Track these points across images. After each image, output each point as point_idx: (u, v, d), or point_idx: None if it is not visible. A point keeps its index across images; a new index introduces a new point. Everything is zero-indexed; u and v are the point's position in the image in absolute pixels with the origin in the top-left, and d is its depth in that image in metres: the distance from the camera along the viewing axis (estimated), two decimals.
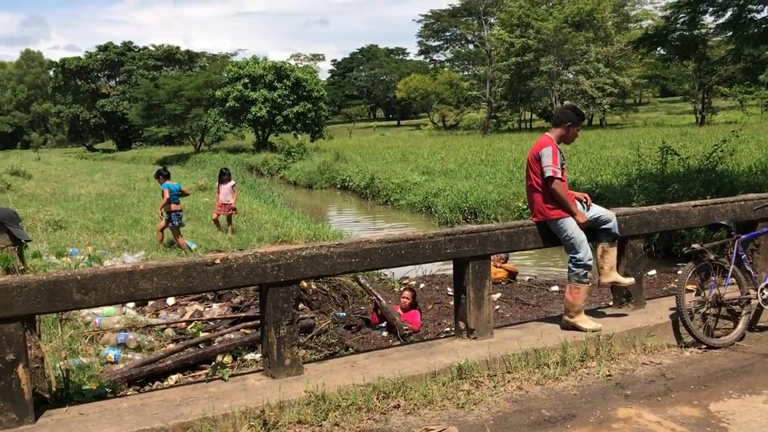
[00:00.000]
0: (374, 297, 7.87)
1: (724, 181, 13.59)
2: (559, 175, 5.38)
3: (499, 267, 10.46)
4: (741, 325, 5.64)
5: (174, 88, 51.12)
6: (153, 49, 75.70)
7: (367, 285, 8.55)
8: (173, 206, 12.00)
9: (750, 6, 13.23)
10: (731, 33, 14.22)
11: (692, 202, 6.47)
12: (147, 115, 55.62)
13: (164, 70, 70.06)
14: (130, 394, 4.82)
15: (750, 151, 19.92)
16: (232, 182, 14.31)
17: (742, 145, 19.82)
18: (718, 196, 7.80)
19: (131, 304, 7.29)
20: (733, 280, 5.65)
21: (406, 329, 7.11)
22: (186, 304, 7.50)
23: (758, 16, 13.06)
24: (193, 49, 79.56)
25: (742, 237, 5.86)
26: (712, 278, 5.60)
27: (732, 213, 6.39)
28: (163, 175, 12.91)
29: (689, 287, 5.77)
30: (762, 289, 5.74)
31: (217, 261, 4.42)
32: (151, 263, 4.33)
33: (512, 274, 10.74)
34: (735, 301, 5.66)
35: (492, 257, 10.37)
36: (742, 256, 5.78)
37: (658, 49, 16.53)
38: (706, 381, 4.79)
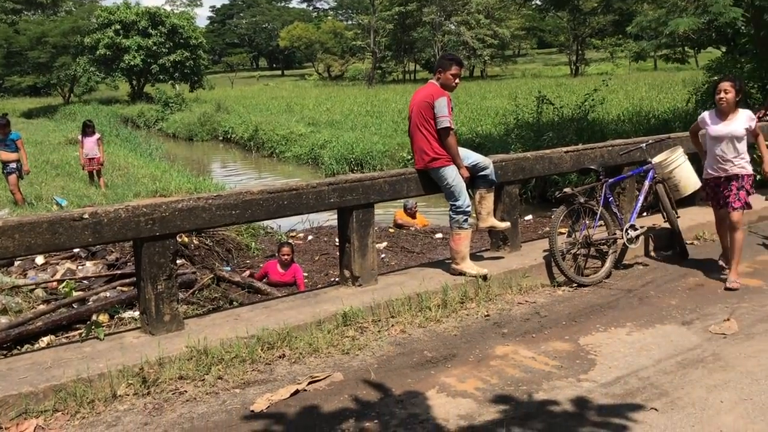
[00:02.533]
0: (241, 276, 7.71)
1: (594, 129, 14.32)
2: (453, 126, 5.47)
3: (410, 221, 10.74)
4: (608, 264, 6.00)
5: (37, 34, 47.29)
6: None
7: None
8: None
9: None
10: None
11: (564, 149, 6.74)
12: (7, 63, 51.28)
13: (25, 15, 64.69)
14: None
15: (619, 101, 21.06)
16: (98, 135, 13.78)
17: (611, 95, 20.90)
18: (589, 142, 8.18)
19: None
20: (602, 221, 5.98)
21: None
22: (57, 263, 7.09)
23: None
24: None
25: (610, 180, 6.19)
26: (583, 220, 5.90)
27: (600, 158, 6.72)
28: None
29: (561, 230, 6.07)
30: (627, 230, 6.12)
31: (86, 216, 4.18)
32: (11, 219, 4.03)
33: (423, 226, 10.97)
34: (603, 241, 6.01)
35: (409, 207, 10.63)
36: (610, 199, 6.11)
37: (534, 0, 16.95)
38: (576, 317, 5.08)
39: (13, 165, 11.15)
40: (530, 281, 5.76)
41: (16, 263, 7.09)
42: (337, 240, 9.75)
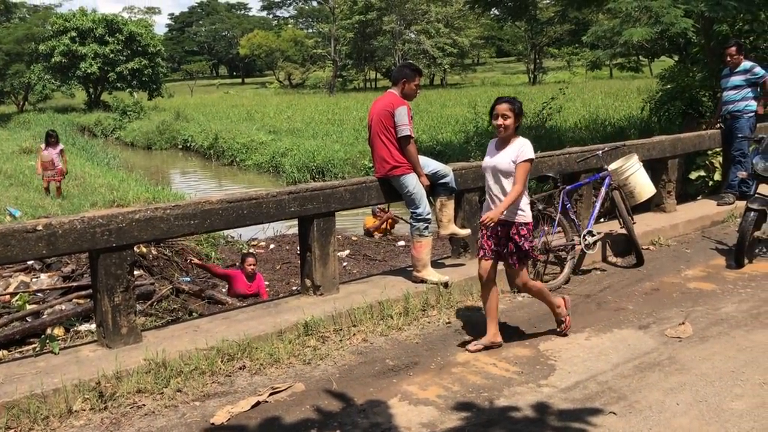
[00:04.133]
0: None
1: (552, 137, 14.54)
2: (414, 135, 5.50)
3: (382, 218, 10.79)
4: (567, 270, 6.08)
5: None
6: None
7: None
8: None
9: None
10: None
11: None
12: None
13: None
14: None
15: (576, 109, 21.41)
16: (61, 146, 13.50)
17: (569, 103, 21.23)
18: (546, 150, 8.30)
19: None
20: (560, 228, 6.06)
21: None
22: (10, 276, 6.91)
23: None
24: None
25: (567, 188, 6.28)
26: (541, 227, 5.97)
27: (558, 165, 6.82)
28: None
29: None
30: (584, 236, 6.21)
31: (39, 227, 4.09)
32: None
33: (394, 221, 11.00)
34: (561, 247, 6.09)
35: (376, 209, 10.65)
36: (567, 206, 6.20)
37: (493, 9, 17.16)
38: (536, 323, 5.13)
39: None
40: None
41: None
42: (298, 248, 9.75)
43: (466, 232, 5.97)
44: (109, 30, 43.83)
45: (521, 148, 4.57)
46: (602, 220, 7.64)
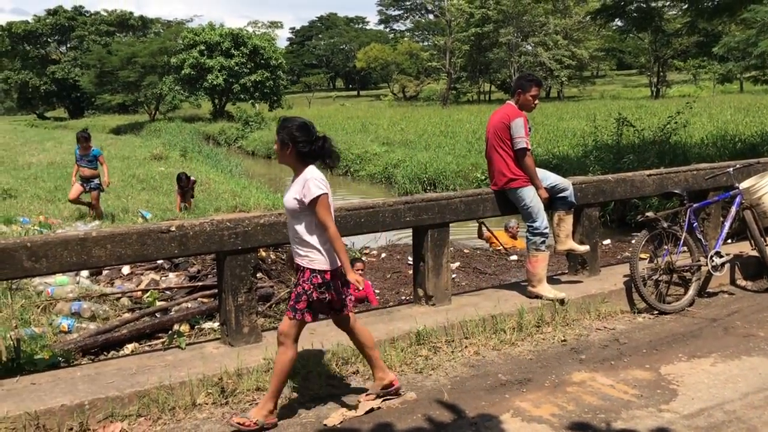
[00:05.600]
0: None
1: (677, 152, 13.87)
2: (530, 147, 5.44)
3: (509, 238, 10.67)
4: (691, 291, 5.79)
5: (127, 55, 49.80)
6: (105, 14, 73.47)
7: None
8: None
9: None
10: (686, 6, 14.41)
11: (647, 172, 6.59)
12: (100, 82, 54.16)
13: (117, 36, 68.13)
14: (84, 364, 4.73)
15: (702, 124, 20.36)
16: (193, 178, 13.03)
17: (694, 117, 20.22)
18: (671, 166, 7.96)
19: (85, 273, 7.14)
20: (685, 247, 5.79)
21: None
22: (142, 274, 7.38)
23: None
24: (147, 15, 77.45)
25: (694, 206, 5.99)
26: (665, 246, 5.72)
27: (685, 182, 6.52)
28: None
29: (643, 255, 5.90)
30: (711, 256, 5.90)
31: (173, 228, 4.35)
32: (104, 230, 4.23)
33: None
34: (686, 268, 5.81)
35: (510, 227, 10.55)
36: (694, 225, 5.92)
37: (616, 20, 16.67)
38: (657, 345, 4.92)
39: (96, 181, 11.20)
40: (609, 307, 5.62)
41: (104, 272, 7.42)
42: (409, 258, 9.80)
43: (585, 248, 5.81)
44: (234, 43, 46.03)
45: (305, 185, 3.73)
46: (730, 240, 7.21)
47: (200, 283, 6.83)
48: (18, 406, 3.71)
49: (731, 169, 6.48)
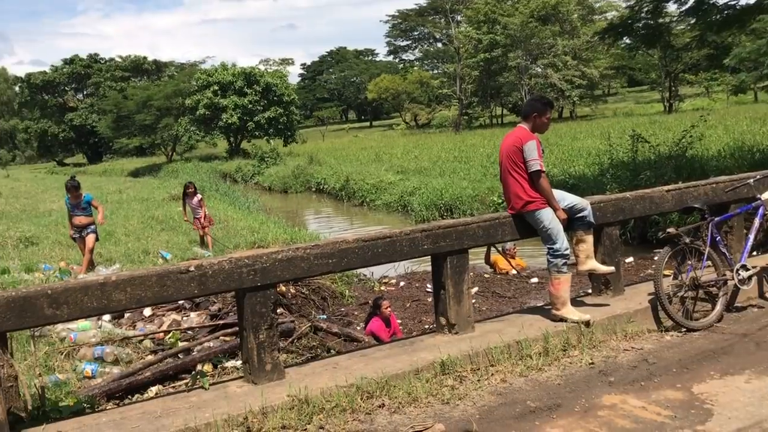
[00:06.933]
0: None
1: (694, 166, 13.77)
2: (544, 169, 5.41)
3: (509, 260, 10.54)
4: (719, 307, 5.67)
5: (143, 99, 50.66)
6: (120, 60, 74.95)
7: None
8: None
9: None
10: (694, 20, 14.40)
11: (665, 187, 6.51)
12: (117, 126, 55.07)
13: (132, 81, 69.38)
14: (109, 409, 4.72)
15: (718, 136, 20.19)
16: (199, 195, 13.77)
17: (710, 130, 20.08)
18: (689, 180, 7.88)
19: (107, 317, 7.17)
20: (709, 262, 5.69)
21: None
22: (163, 315, 7.39)
23: (720, 2, 13.23)
24: (161, 59, 78.97)
25: (716, 219, 5.90)
26: (689, 261, 5.63)
27: (705, 196, 6.43)
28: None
29: (666, 272, 5.81)
30: (738, 270, 5.79)
31: (192, 268, 4.35)
32: (123, 273, 4.24)
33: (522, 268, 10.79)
34: (712, 283, 5.70)
35: (507, 249, 10.45)
36: (717, 238, 5.82)
37: (624, 38, 16.68)
38: (687, 364, 4.81)
39: (93, 227, 10.72)
40: (636, 326, 5.52)
41: (126, 315, 7.44)
42: (428, 286, 9.75)
43: (607, 268, 5.73)
44: (247, 82, 46.69)
45: None
46: (755, 253, 7.09)
47: (221, 322, 6.83)
48: None
49: (752, 180, 6.39)
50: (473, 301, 8.89)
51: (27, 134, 76.23)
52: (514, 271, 10.50)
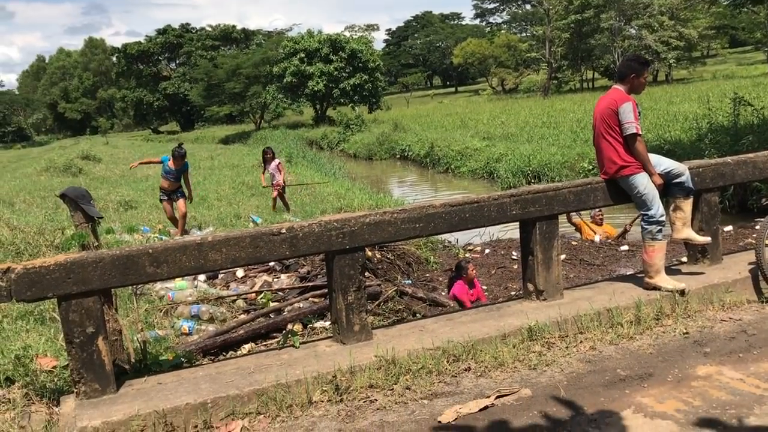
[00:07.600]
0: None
1: None
2: (641, 132, 5.22)
3: (594, 227, 10.36)
4: None
5: (232, 67, 51.87)
6: (210, 29, 76.90)
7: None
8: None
9: None
10: None
11: None
12: (207, 95, 56.68)
13: (222, 50, 71.14)
14: (205, 364, 4.94)
15: None
16: (277, 160, 14.07)
17: None
18: None
19: (202, 278, 7.47)
20: None
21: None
22: (255, 276, 7.63)
23: None
24: (249, 28, 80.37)
25: None
26: None
27: None
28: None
29: None
30: None
31: (283, 230, 4.46)
32: (219, 235, 4.39)
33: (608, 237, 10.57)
34: None
35: (593, 215, 10.25)
36: None
37: None
38: None
39: (181, 191, 11.09)
40: (734, 297, 5.29)
41: (220, 276, 7.73)
42: (513, 253, 9.65)
43: (705, 239, 5.50)
44: (333, 49, 46.98)
45: None
46: None
47: (311, 284, 6.99)
48: (147, 405, 3.91)
49: None
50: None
51: (124, 103, 79.74)
52: (597, 237, 10.23)
